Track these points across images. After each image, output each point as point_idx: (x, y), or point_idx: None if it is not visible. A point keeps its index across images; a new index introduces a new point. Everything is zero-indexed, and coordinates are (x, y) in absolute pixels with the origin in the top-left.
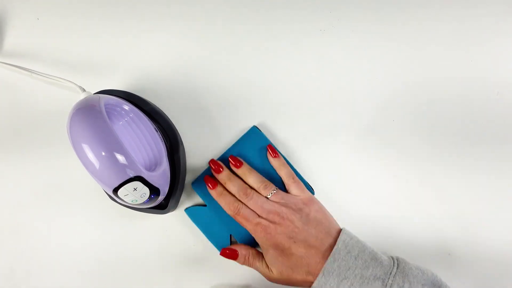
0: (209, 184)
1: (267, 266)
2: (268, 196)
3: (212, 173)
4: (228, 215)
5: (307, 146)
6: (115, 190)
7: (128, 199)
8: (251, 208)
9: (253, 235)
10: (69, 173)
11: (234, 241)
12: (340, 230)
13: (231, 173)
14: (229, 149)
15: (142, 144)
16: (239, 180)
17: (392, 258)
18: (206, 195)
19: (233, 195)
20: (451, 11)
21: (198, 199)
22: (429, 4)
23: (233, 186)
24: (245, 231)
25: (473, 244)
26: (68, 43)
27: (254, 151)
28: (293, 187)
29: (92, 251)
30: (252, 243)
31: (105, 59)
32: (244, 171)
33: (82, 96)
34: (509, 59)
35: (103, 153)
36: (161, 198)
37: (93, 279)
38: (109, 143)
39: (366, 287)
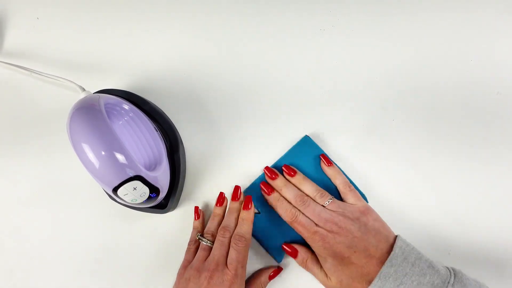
0: (266, 190)
1: (326, 274)
2: (325, 205)
3: (266, 180)
4: (282, 222)
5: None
6: (115, 190)
7: (128, 199)
8: (308, 216)
9: (309, 243)
10: (69, 172)
11: None
12: (396, 236)
13: (287, 181)
14: (281, 159)
15: (142, 144)
16: (295, 188)
17: (448, 268)
18: (259, 203)
19: (289, 203)
20: (451, 11)
21: (197, 198)
22: (429, 4)
23: (289, 193)
24: (300, 238)
25: (473, 244)
26: (68, 43)
27: (307, 161)
28: (350, 196)
29: (92, 251)
30: None
31: (105, 58)
32: (300, 180)
33: (82, 95)
34: (509, 59)
35: (103, 153)
36: (160, 197)
37: (93, 278)
38: (109, 142)
39: None
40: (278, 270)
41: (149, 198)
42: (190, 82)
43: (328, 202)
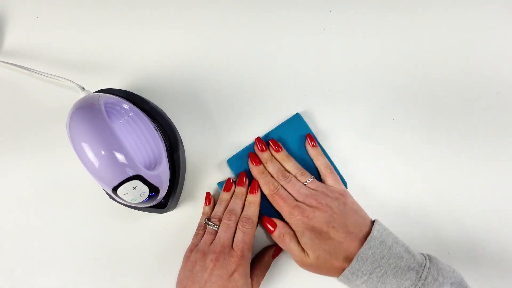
0: (253, 162)
1: (303, 250)
2: (305, 183)
3: (254, 150)
4: (263, 200)
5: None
6: (115, 189)
7: (128, 198)
8: (289, 191)
9: (287, 219)
10: (69, 172)
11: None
12: (373, 220)
13: (272, 156)
14: (269, 132)
15: (141, 143)
16: (279, 163)
17: (423, 254)
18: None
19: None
20: (451, 12)
21: (197, 197)
22: (429, 4)
23: (272, 167)
24: (276, 214)
25: (472, 243)
26: (68, 42)
27: (293, 138)
28: (329, 178)
29: (92, 251)
30: None
31: (105, 58)
32: (283, 157)
33: (81, 95)
34: (509, 59)
35: (103, 152)
36: (160, 197)
37: (93, 278)
38: (109, 142)
39: (400, 276)
40: (281, 248)
41: (149, 197)
42: (190, 81)
43: (309, 181)
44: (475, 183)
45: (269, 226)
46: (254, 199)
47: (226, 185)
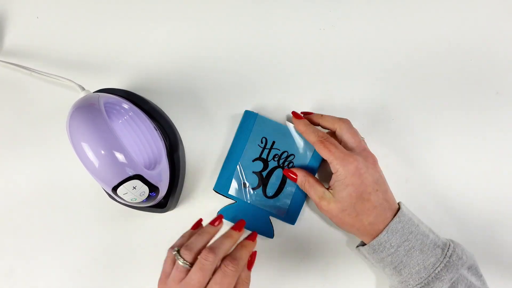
0: (296, 117)
1: (328, 199)
2: None
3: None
4: (259, 206)
5: None
6: (114, 189)
7: (128, 198)
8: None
9: (335, 166)
10: (69, 171)
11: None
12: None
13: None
14: (234, 140)
15: (141, 143)
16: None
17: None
18: (231, 194)
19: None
20: (451, 11)
21: (197, 197)
22: (429, 4)
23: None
24: (273, 215)
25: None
26: (68, 42)
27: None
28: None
29: (91, 250)
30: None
31: (105, 58)
32: (317, 117)
33: (81, 94)
34: (509, 59)
35: (103, 152)
36: (160, 196)
37: (93, 278)
38: (109, 141)
39: (427, 252)
40: (252, 254)
41: (149, 197)
42: (190, 81)
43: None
44: (478, 179)
45: (291, 174)
46: (251, 246)
47: (214, 219)
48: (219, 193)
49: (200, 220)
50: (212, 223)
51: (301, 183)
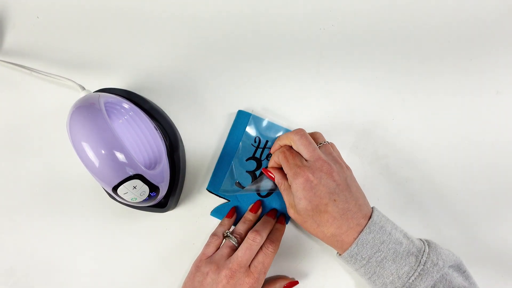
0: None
1: (295, 208)
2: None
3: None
4: (252, 201)
5: None
6: (115, 188)
7: (128, 197)
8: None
9: (290, 179)
10: (69, 171)
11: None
12: (372, 207)
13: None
14: (226, 142)
15: (141, 143)
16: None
17: (421, 239)
18: (227, 195)
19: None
20: (451, 11)
21: (197, 197)
22: (429, 5)
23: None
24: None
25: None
26: (68, 42)
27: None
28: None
29: (91, 250)
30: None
31: (105, 57)
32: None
33: (81, 94)
34: (509, 59)
35: (103, 151)
36: (160, 196)
37: (92, 277)
38: (109, 141)
39: (400, 261)
40: (294, 283)
41: (149, 197)
42: (190, 81)
43: (320, 144)
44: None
45: (269, 173)
46: (282, 227)
47: (254, 206)
48: (212, 193)
49: (234, 208)
50: (252, 210)
51: (277, 184)
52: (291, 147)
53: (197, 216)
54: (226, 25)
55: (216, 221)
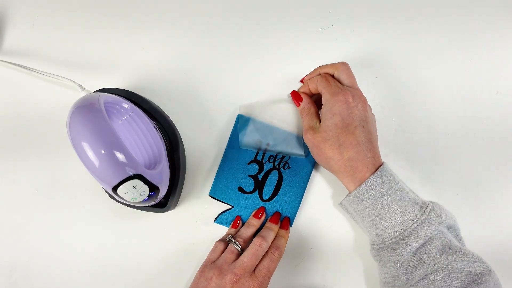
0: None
1: (315, 129)
2: None
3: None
4: (254, 208)
5: None
6: (115, 188)
7: (128, 197)
8: None
9: (326, 95)
10: (69, 171)
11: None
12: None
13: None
14: (229, 142)
15: (141, 143)
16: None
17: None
18: (228, 198)
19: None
20: (450, 12)
21: (197, 196)
22: (429, 5)
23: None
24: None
25: None
26: (68, 42)
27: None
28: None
29: (92, 250)
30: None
31: (105, 57)
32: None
33: (81, 94)
34: (509, 59)
35: (103, 151)
36: (160, 196)
37: (93, 277)
38: (109, 141)
39: (405, 208)
40: (299, 98)
41: (149, 196)
42: (190, 81)
43: None
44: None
45: (295, 100)
46: (286, 234)
47: (257, 212)
48: (214, 198)
49: (238, 217)
50: (256, 215)
51: (301, 109)
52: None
53: (197, 216)
54: (226, 25)
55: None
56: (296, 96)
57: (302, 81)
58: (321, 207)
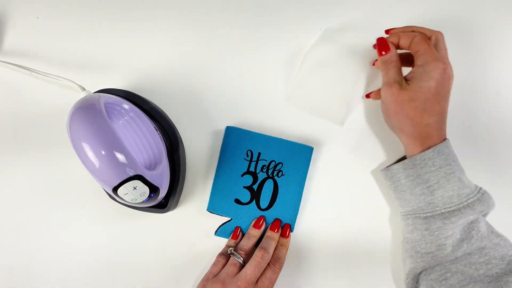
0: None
1: (403, 85)
2: None
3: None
4: (252, 219)
5: None
6: (115, 189)
7: (128, 198)
8: None
9: (427, 58)
10: (69, 172)
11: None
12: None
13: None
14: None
15: (142, 143)
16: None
17: None
18: (227, 211)
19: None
20: (450, 12)
21: (197, 197)
22: (429, 4)
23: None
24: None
25: None
26: (68, 42)
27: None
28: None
29: (92, 250)
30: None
31: (105, 58)
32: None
33: (82, 95)
34: (510, 59)
35: (103, 152)
36: (161, 197)
37: (93, 278)
38: (109, 142)
39: (464, 182)
40: (387, 47)
41: (149, 197)
42: (190, 81)
43: None
44: None
45: (381, 50)
46: (286, 242)
47: (257, 222)
48: (213, 213)
49: (238, 228)
50: (256, 226)
51: (387, 60)
52: None
53: (197, 217)
54: (226, 25)
55: (216, 222)
56: (383, 44)
57: (387, 32)
58: (321, 207)
